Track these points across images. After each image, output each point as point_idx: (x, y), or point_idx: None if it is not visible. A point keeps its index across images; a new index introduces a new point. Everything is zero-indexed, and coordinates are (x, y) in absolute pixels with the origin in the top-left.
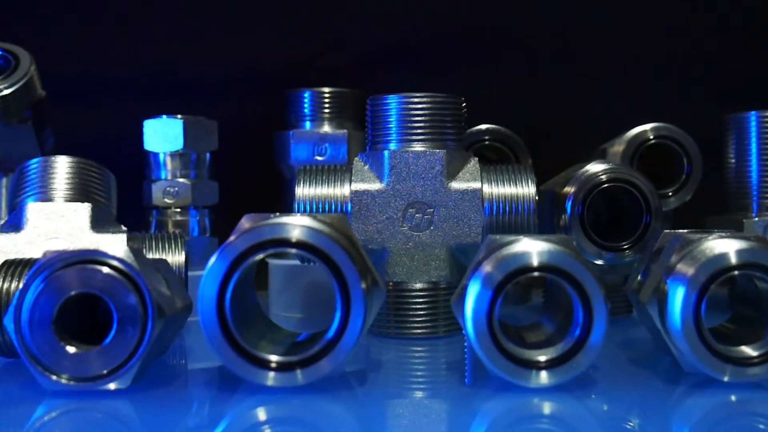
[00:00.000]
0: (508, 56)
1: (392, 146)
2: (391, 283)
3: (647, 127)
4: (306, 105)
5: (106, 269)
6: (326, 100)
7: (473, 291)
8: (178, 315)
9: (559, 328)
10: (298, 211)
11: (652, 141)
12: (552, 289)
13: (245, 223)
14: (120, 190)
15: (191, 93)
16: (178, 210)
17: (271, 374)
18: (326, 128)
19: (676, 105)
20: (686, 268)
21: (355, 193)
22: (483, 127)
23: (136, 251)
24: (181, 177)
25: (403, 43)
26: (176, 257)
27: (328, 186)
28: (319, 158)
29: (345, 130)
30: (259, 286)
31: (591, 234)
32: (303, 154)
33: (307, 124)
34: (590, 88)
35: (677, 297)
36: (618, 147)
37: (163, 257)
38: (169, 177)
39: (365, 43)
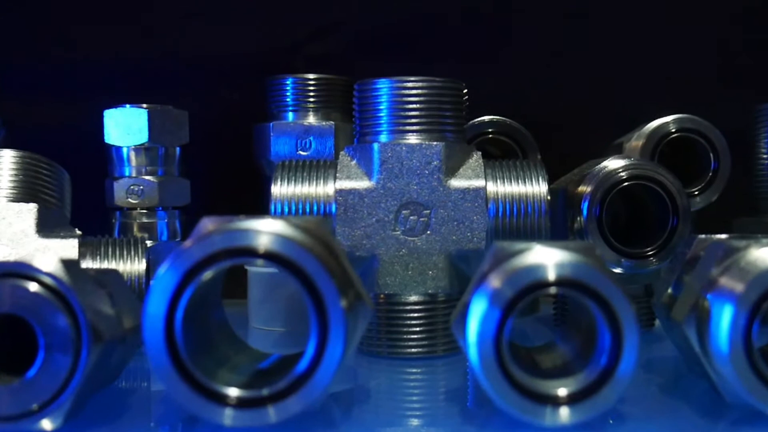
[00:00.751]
0: (513, 41)
1: (383, 138)
2: (382, 296)
3: (668, 119)
4: (288, 93)
5: (31, 285)
6: (311, 88)
7: (478, 310)
8: (127, 336)
9: (579, 353)
10: (275, 213)
11: (675, 134)
12: (567, 303)
13: (205, 226)
14: (81, 189)
15: (161, 82)
16: (144, 211)
17: (229, 412)
18: (311, 119)
19: (701, 94)
20: (733, 283)
21: (340, 192)
22: (485, 118)
23: (69, 263)
24: (147, 174)
25: (399, 28)
26: (135, 266)
27: (309, 184)
28: (303, 153)
29: (332, 122)
30: (240, 295)
31: (610, 239)
32: (284, 148)
33: (290, 115)
34: (605, 76)
35: (723, 317)
36: (636, 142)
37: (121, 265)
38: (134, 174)
39: (357, 28)
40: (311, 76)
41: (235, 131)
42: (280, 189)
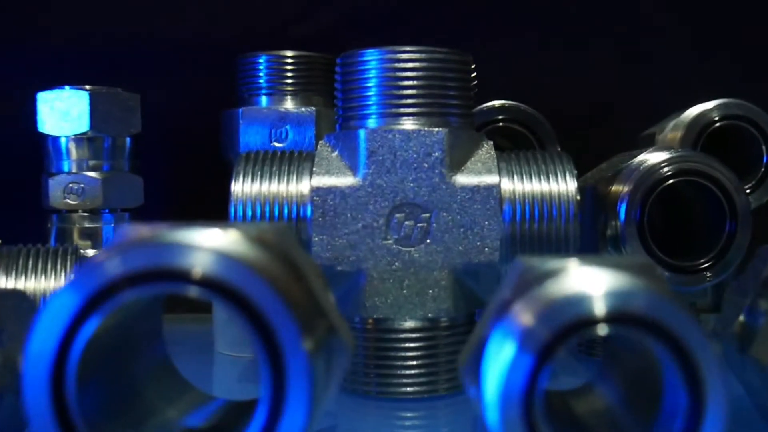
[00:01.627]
0: (527, 17)
1: (371, 123)
2: (370, 321)
3: (711, 105)
4: (261, 74)
5: None
6: (288, 68)
7: (502, 354)
8: None
9: (634, 406)
10: (235, 217)
11: (719, 122)
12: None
13: (124, 236)
14: (12, 187)
15: (114, 64)
16: (86, 214)
17: None
18: (287, 105)
19: (747, 75)
20: None
21: (317, 191)
22: (495, 103)
23: None
24: (90, 170)
25: (397, 4)
26: (61, 284)
27: (278, 180)
28: (278, 144)
29: (312, 108)
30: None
31: (653, 248)
32: (256, 138)
33: (263, 100)
34: (631, 58)
35: None
36: (674, 133)
37: (43, 282)
38: (74, 170)
39: (348, 5)
40: (289, 53)
41: (204, 120)
42: (242, 187)
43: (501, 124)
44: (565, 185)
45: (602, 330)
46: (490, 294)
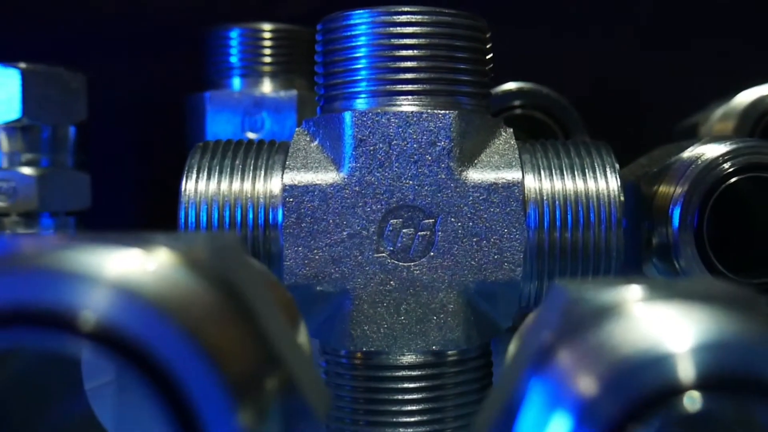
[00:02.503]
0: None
1: (360, 104)
2: (358, 355)
3: (766, 89)
4: (233, 51)
5: None
6: (266, 44)
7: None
8: None
9: None
10: (185, 225)
11: None
12: None
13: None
14: None
15: (62, 41)
16: (20, 219)
17: None
18: (265, 88)
19: None
20: None
21: (290, 190)
22: (512, 86)
23: None
24: (24, 165)
25: None
26: None
27: (242, 176)
28: (252, 135)
29: (294, 91)
30: None
31: (714, 263)
32: (226, 128)
33: (236, 82)
34: (664, 41)
35: None
36: (724, 123)
37: None
38: (4, 165)
39: None
40: (266, 26)
41: (167, 106)
42: (194, 186)
43: (518, 110)
44: (605, 183)
45: (694, 402)
46: (509, 319)
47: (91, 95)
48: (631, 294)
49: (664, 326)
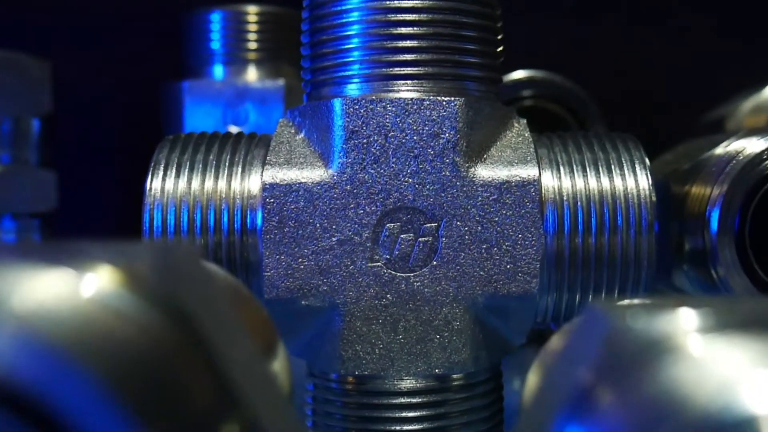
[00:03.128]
0: None
1: (352, 90)
2: (350, 379)
3: None
4: (215, 36)
5: None
6: (251, 28)
7: None
8: None
9: None
10: (150, 230)
11: None
12: None
13: None
14: None
15: (20, 23)
16: None
17: None
18: (250, 76)
19: None
20: None
21: (271, 189)
22: (521, 75)
23: None
24: None
25: None
26: None
27: (215, 174)
28: (235, 129)
29: (281, 80)
30: None
31: (757, 270)
32: (206, 121)
33: (217, 70)
34: (689, 30)
35: None
36: (757, 115)
37: None
38: None
39: None
40: (251, 8)
41: (144, 97)
42: (161, 185)
43: (528, 101)
44: (634, 181)
45: None
46: (523, 336)
47: (58, 85)
48: (691, 322)
49: (735, 367)
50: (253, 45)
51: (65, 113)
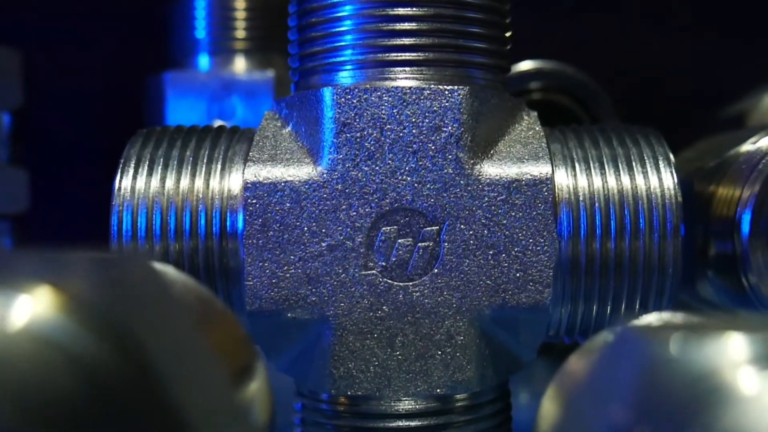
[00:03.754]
0: None
1: (343, 78)
2: (342, 400)
3: None
4: (200, 24)
5: None
6: (239, 15)
7: None
8: None
9: None
10: (118, 234)
11: None
12: None
13: None
14: None
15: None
16: None
17: None
18: (237, 67)
19: None
20: None
21: (253, 189)
22: (529, 66)
23: None
24: None
25: None
26: None
27: (191, 172)
28: (223, 123)
29: (271, 72)
30: None
31: None
32: (189, 115)
33: (203, 61)
34: (707, 22)
35: None
36: None
37: None
38: None
39: None
40: None
41: (125, 92)
42: (132, 183)
43: (536, 94)
44: (657, 179)
45: None
46: (533, 351)
47: (30, 77)
48: (744, 351)
49: None
50: (240, 33)
51: (38, 107)
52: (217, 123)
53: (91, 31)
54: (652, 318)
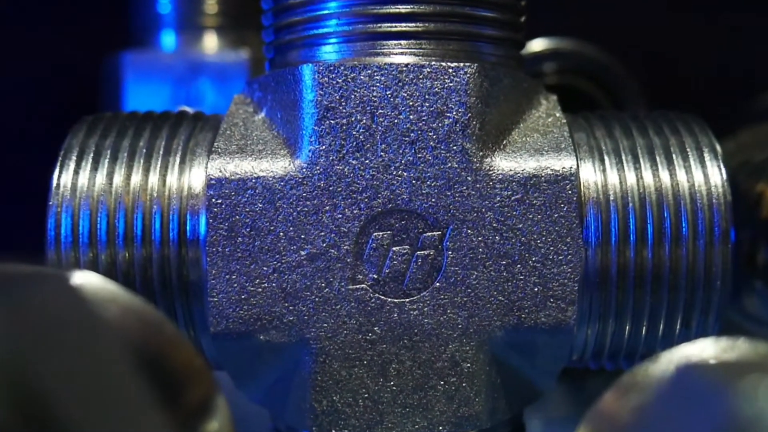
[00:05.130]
0: None
1: (327, 54)
2: None
3: None
4: None
5: None
6: None
7: None
8: None
9: None
10: (54, 240)
11: None
12: None
13: None
14: None
15: None
16: None
17: None
18: (207, 46)
19: None
20: None
21: (218, 186)
22: (544, 44)
23: None
24: None
25: None
26: None
27: (144, 164)
28: (188, 110)
29: (245, 51)
30: None
31: None
32: (152, 99)
33: (168, 40)
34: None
35: None
36: None
37: None
38: None
39: None
40: None
41: (83, 76)
42: (73, 179)
43: (553, 79)
44: (703, 175)
45: None
46: (553, 380)
47: None
48: None
49: None
50: (211, 8)
51: None
52: (185, 109)
53: (39, 3)
54: (709, 347)
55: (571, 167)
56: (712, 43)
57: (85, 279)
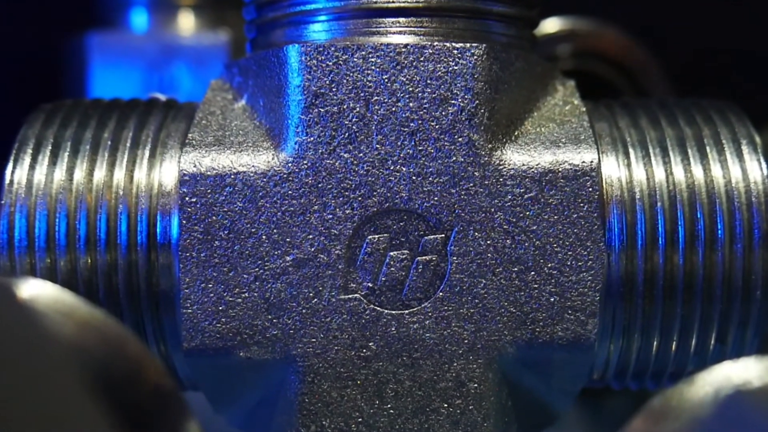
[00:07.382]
0: None
1: (316, 33)
2: None
3: None
4: None
5: None
6: None
7: None
8: None
9: None
10: (8, 245)
11: None
12: None
13: None
14: None
15: None
16: None
17: None
18: (182, 27)
19: None
20: None
21: (193, 182)
22: (558, 25)
23: None
24: None
25: None
26: None
27: (110, 159)
28: (161, 98)
29: (225, 32)
30: None
31: None
32: (121, 87)
33: (139, 19)
34: None
35: None
36: None
37: None
38: None
39: None
40: None
41: (39, 61)
42: (29, 175)
43: (569, 64)
44: (740, 170)
45: None
46: (570, 401)
47: None
48: None
49: None
50: None
51: None
52: (157, 97)
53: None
54: (753, 367)
55: (591, 161)
56: (750, 24)
57: (37, 289)
